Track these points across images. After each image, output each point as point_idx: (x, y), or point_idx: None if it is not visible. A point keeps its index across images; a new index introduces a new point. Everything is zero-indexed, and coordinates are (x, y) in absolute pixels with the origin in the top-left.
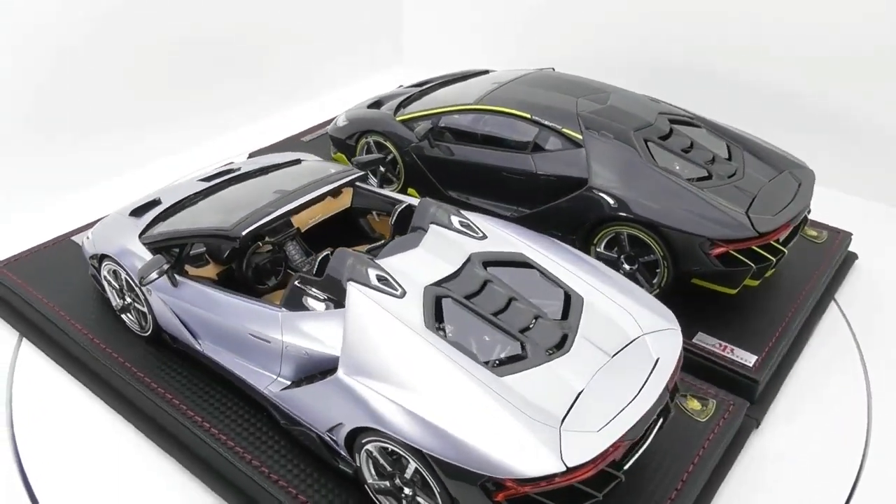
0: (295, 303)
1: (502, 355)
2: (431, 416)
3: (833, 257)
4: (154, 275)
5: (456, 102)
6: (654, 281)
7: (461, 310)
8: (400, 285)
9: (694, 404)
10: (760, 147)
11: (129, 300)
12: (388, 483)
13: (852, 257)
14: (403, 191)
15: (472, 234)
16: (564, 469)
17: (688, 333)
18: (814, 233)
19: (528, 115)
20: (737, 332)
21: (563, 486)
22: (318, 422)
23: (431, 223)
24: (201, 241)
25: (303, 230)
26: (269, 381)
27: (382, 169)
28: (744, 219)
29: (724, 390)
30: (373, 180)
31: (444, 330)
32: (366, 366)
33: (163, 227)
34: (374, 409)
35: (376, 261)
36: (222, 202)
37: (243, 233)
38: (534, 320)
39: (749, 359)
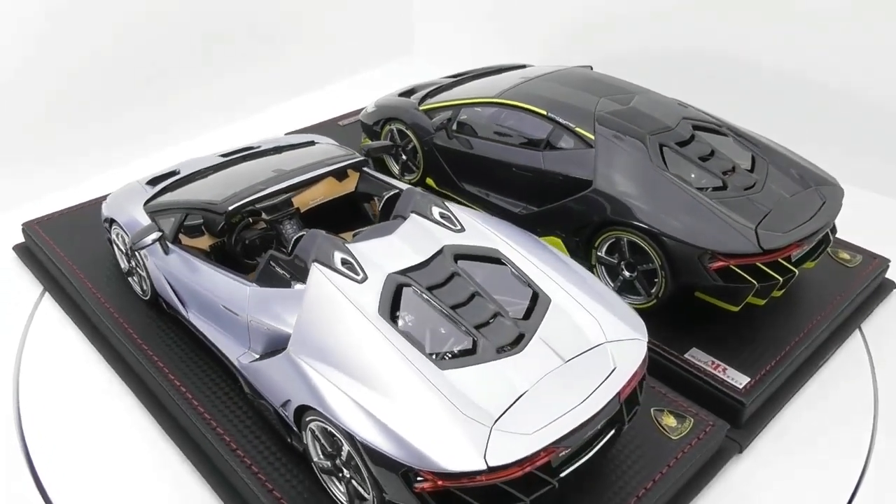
0: (265, 279)
1: (451, 349)
2: (364, 400)
3: (863, 283)
4: (146, 241)
5: (479, 95)
6: (653, 291)
7: (420, 300)
8: (363, 270)
9: (669, 420)
10: (789, 160)
11: (133, 264)
12: (330, 463)
13: (889, 285)
14: (422, 180)
15: (450, 226)
16: (485, 468)
17: (681, 347)
18: (846, 256)
19: (544, 112)
20: (735, 351)
21: (487, 485)
22: (272, 396)
23: (412, 212)
24: (194, 213)
25: (302, 210)
26: (240, 353)
27: (404, 157)
28: (750, 233)
29: (710, 410)
30: (395, 167)
31: (397, 318)
32: (313, 345)
33: (167, 197)
34: (315, 389)
35: (349, 245)
36: (226, 178)
37: (229, 208)
38: (492, 317)
39: (740, 380)
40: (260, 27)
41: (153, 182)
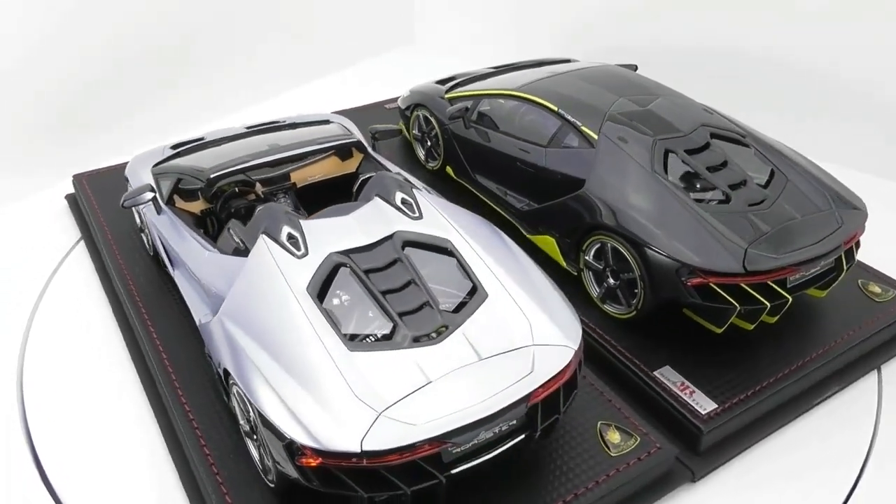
0: (224, 245)
1: (369, 332)
2: (267, 370)
3: (889, 320)
4: (136, 199)
5: (503, 87)
6: (633, 301)
7: (353, 281)
8: (306, 246)
9: (614, 436)
10: (815, 179)
11: (144, 221)
12: (249, 427)
13: None
14: (442, 168)
15: (408, 212)
16: (359, 451)
17: (654, 364)
18: (877, 289)
19: (555, 108)
20: (713, 375)
21: (369, 469)
22: (212, 356)
23: (377, 195)
24: (185, 178)
25: (298, 186)
26: (202, 314)
27: (429, 144)
28: (737, 252)
29: (671, 433)
30: (421, 154)
31: (324, 296)
32: (239, 312)
33: (173, 162)
34: (231, 354)
35: (303, 221)
36: (231, 148)
37: (211, 175)
38: (420, 307)
39: (706, 406)
40: (265, 18)
41: (176, 147)
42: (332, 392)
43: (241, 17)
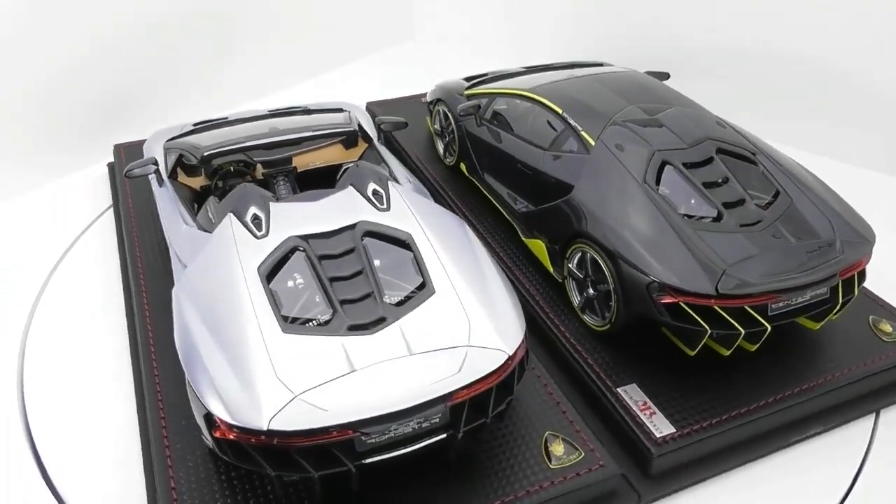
0: (201, 221)
1: (308, 316)
2: (201, 342)
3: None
4: (137, 171)
5: (518, 87)
6: (608, 314)
7: (305, 266)
8: (268, 228)
9: (557, 448)
10: (822, 204)
11: None
12: None
13: None
14: (456, 165)
15: (376, 203)
16: (265, 429)
17: (621, 380)
18: (888, 328)
19: (560, 111)
20: (681, 398)
21: (279, 449)
22: None
23: (351, 184)
24: (187, 155)
25: (299, 170)
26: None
27: (447, 139)
28: (713, 273)
29: (626, 453)
30: (440, 146)
31: (273, 277)
32: (192, 286)
33: (183, 139)
34: (176, 325)
35: (272, 203)
36: (237, 129)
37: (205, 154)
38: (364, 297)
39: (663, 429)
40: (262, 15)
41: (197, 124)
42: (257, 370)
43: (240, 13)
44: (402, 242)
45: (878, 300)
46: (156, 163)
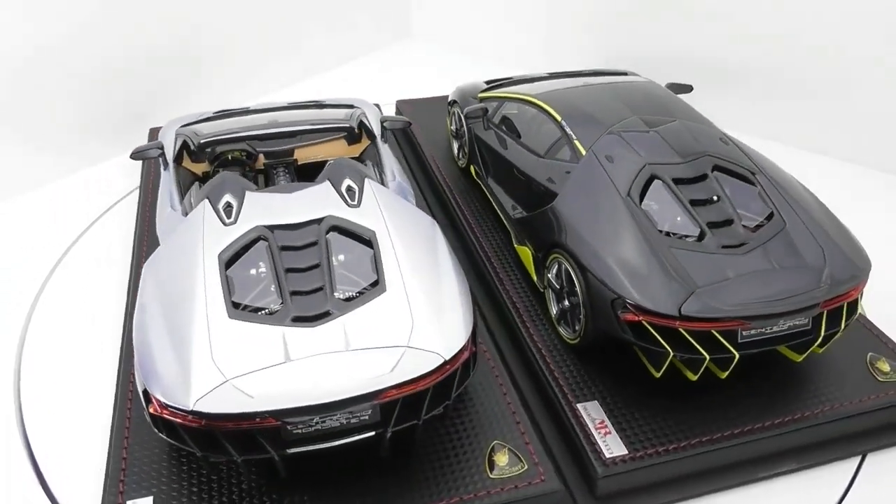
0: (185, 207)
1: (257, 305)
2: (150, 319)
3: (888, 403)
4: (144, 154)
5: (527, 92)
6: (577, 328)
7: (265, 255)
8: (237, 217)
9: (501, 458)
10: (817, 230)
11: None
12: None
13: None
14: (467, 168)
15: (347, 199)
16: (190, 409)
17: (584, 396)
18: (886, 367)
19: (559, 118)
20: (642, 419)
21: (206, 430)
22: None
23: (327, 179)
24: (188, 141)
25: (300, 163)
26: None
27: (460, 140)
28: (679, 293)
29: (576, 469)
30: (455, 147)
31: (233, 264)
32: (156, 266)
33: (193, 126)
34: (137, 303)
35: (249, 192)
36: (247, 121)
37: (201, 142)
38: (315, 290)
39: (614, 450)
40: (260, 15)
41: (217, 112)
42: (195, 352)
43: (236, 13)
44: (366, 240)
45: (882, 336)
46: (161, 147)
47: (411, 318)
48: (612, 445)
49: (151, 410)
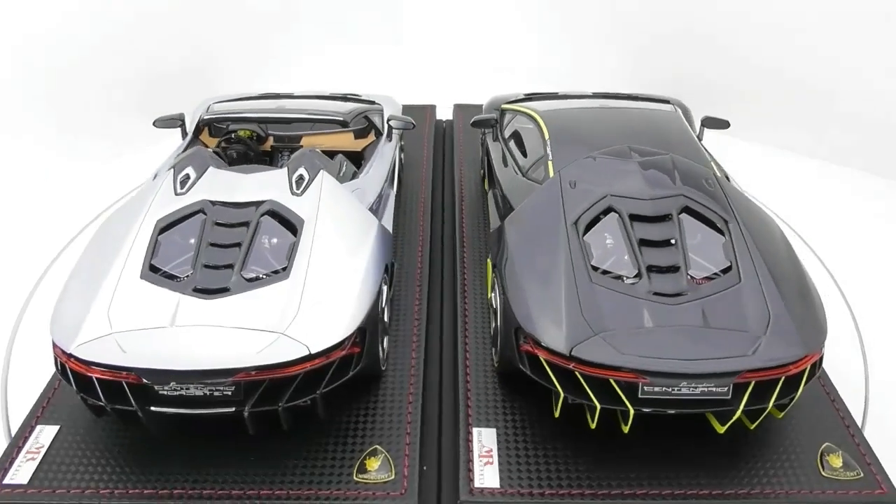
0: (160, 172)
1: (171, 271)
2: (79, 268)
3: (822, 500)
4: (165, 123)
5: (536, 108)
6: (496, 350)
7: (197, 228)
8: (189, 188)
9: (373, 463)
10: (774, 295)
11: None
12: None
13: None
14: (483, 178)
15: (293, 188)
16: (68, 351)
17: (487, 421)
18: (838, 463)
19: (546, 137)
20: (539, 457)
21: (82, 374)
22: None
23: (286, 166)
24: (201, 116)
25: None
26: None
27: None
28: (576, 333)
29: (447, 490)
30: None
31: (165, 231)
32: (104, 223)
33: (226, 103)
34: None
35: (212, 169)
36: (267, 104)
37: (205, 118)
38: (225, 266)
39: (487, 482)
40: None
41: (262, 94)
42: (96, 303)
43: (233, 19)
44: (292, 227)
45: (851, 428)
46: (182, 118)
47: (298, 307)
48: (486, 476)
49: (54, 351)
